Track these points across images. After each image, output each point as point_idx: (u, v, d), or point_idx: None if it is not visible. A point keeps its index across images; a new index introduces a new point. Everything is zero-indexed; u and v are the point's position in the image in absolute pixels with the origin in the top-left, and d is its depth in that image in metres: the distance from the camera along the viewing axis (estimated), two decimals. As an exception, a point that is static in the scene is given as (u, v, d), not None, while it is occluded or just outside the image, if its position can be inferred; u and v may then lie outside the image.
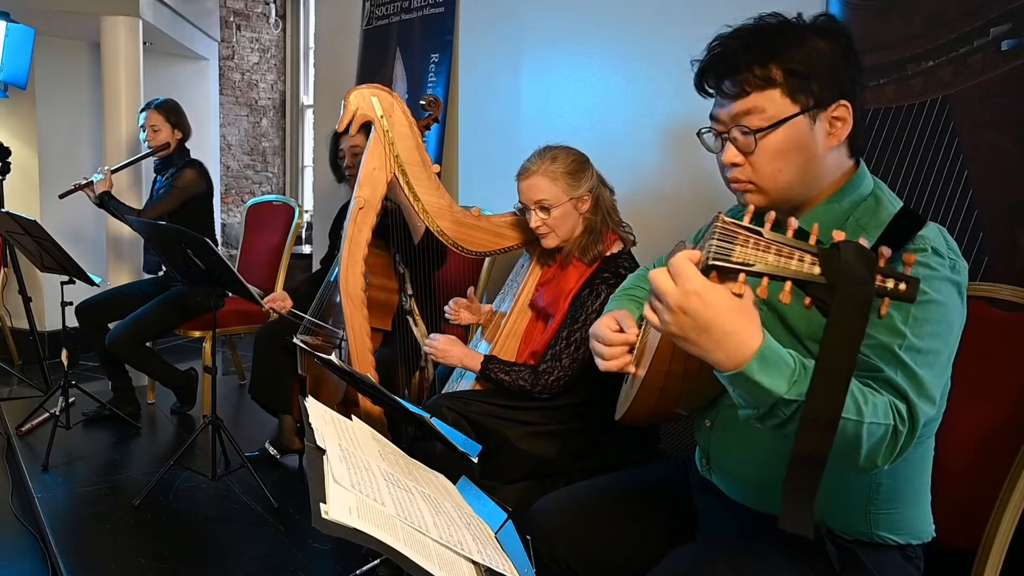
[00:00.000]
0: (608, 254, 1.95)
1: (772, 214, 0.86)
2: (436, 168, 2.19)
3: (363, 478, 1.00)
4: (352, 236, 2.16)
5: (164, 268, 3.50)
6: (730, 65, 1.11)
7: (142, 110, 3.44)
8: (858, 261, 0.78)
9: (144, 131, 3.40)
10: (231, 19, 6.17)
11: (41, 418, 3.27)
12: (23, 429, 3.23)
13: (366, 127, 2.16)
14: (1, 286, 4.33)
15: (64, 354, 3.11)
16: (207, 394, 3.18)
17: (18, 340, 4.51)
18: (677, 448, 2.29)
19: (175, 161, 3.41)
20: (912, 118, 1.74)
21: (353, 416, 1.26)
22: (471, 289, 2.28)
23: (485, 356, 1.98)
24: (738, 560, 1.17)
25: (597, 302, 1.87)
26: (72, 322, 3.25)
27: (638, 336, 1.25)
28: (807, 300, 0.81)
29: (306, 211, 5.70)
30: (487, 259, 2.75)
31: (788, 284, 0.82)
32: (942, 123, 1.69)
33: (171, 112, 3.41)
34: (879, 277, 0.78)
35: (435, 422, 1.45)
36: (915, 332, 1.00)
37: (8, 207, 3.72)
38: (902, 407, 0.97)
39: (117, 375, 3.44)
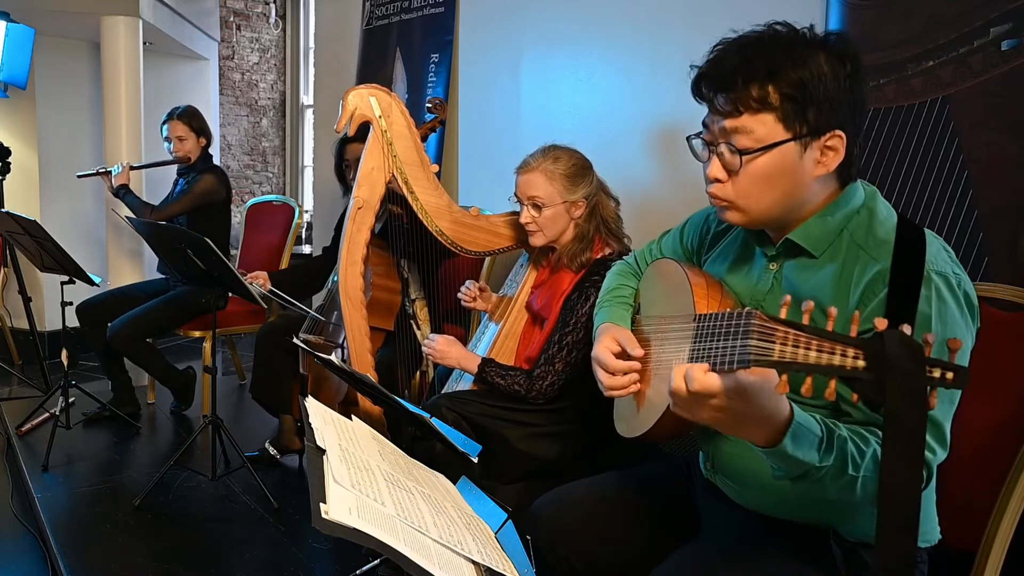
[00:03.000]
0: (599, 257, 1.95)
1: (811, 304, 0.82)
2: (435, 168, 2.18)
3: (363, 478, 1.00)
4: (351, 236, 2.16)
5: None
6: (728, 80, 1.05)
7: (164, 121, 3.43)
8: (904, 353, 0.73)
9: (170, 142, 3.41)
10: (231, 19, 6.17)
11: (41, 418, 3.27)
12: (23, 429, 3.23)
13: (367, 131, 2.16)
14: (1, 286, 4.33)
15: (64, 354, 3.11)
16: (207, 394, 3.18)
17: (18, 340, 4.51)
18: (676, 448, 2.29)
19: (197, 166, 3.44)
20: (912, 118, 1.74)
21: (353, 416, 1.26)
22: (479, 282, 2.28)
23: (482, 359, 1.98)
24: (742, 561, 1.17)
25: (587, 306, 1.86)
26: (72, 322, 3.25)
27: (644, 356, 1.24)
28: (854, 397, 0.78)
29: (306, 211, 5.70)
30: (487, 259, 2.75)
31: (833, 381, 0.78)
32: (942, 123, 1.69)
33: (194, 119, 3.42)
34: (926, 367, 0.74)
35: (435, 422, 1.45)
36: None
37: (8, 207, 3.72)
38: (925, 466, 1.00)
39: (117, 375, 3.44)
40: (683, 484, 1.41)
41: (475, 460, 1.37)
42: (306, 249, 5.42)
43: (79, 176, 3.60)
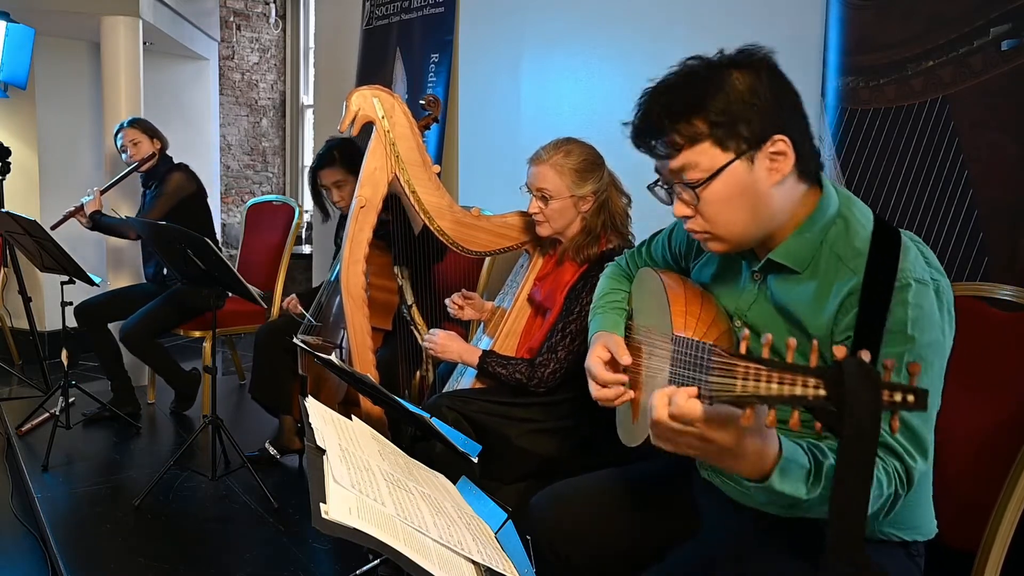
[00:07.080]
0: (604, 249, 1.96)
1: (769, 336, 0.84)
2: (436, 168, 2.19)
3: (363, 478, 1.00)
4: (353, 235, 2.16)
5: (165, 272, 3.50)
6: (657, 127, 1.11)
7: (116, 132, 3.43)
8: (863, 381, 0.74)
9: (125, 152, 3.40)
10: (231, 19, 6.17)
11: (41, 418, 3.27)
12: (23, 429, 3.23)
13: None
14: (1, 286, 4.33)
15: (64, 354, 3.11)
16: (207, 394, 3.18)
17: (18, 340, 4.51)
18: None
19: (159, 170, 3.41)
20: (912, 118, 1.74)
21: (353, 416, 1.26)
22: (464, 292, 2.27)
23: (483, 351, 1.98)
24: (741, 559, 1.17)
25: (592, 295, 1.87)
26: (72, 322, 3.25)
27: (635, 363, 1.26)
28: (818, 426, 0.78)
29: (306, 211, 5.69)
30: (487, 259, 2.75)
31: (796, 412, 0.78)
32: (942, 123, 1.69)
33: (145, 126, 3.43)
34: (886, 393, 0.74)
35: (435, 422, 1.45)
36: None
37: (8, 207, 3.72)
38: (903, 472, 1.01)
39: (117, 375, 3.44)
40: (682, 481, 1.41)
41: (475, 460, 1.37)
42: (306, 249, 5.42)
43: (52, 228, 3.19)
